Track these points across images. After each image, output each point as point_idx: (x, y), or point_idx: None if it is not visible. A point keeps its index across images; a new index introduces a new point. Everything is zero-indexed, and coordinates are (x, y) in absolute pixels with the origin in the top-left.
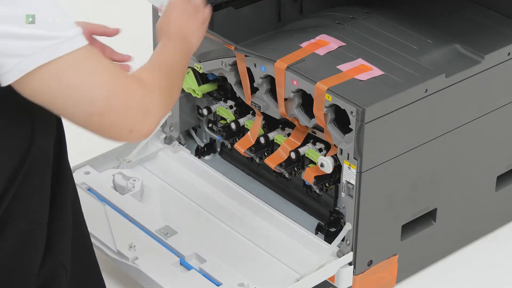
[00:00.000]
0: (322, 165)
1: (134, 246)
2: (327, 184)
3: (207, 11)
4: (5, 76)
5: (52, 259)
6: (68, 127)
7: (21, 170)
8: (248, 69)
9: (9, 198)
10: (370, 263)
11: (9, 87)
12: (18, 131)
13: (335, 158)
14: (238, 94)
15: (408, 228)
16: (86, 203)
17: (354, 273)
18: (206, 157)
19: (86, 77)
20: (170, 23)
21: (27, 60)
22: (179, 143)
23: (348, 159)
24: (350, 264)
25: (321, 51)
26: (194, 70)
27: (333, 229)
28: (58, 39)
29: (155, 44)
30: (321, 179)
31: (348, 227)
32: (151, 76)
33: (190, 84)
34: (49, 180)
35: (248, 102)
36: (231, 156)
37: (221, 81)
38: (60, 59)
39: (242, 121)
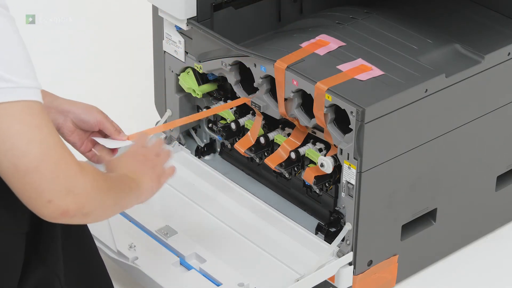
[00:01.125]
0: (322, 165)
1: (134, 246)
2: (327, 184)
3: (169, 171)
4: None
5: (44, 267)
6: None
7: None
8: (248, 69)
9: None
10: (370, 263)
11: None
12: None
13: (335, 158)
14: (238, 94)
15: (408, 228)
16: None
17: (354, 273)
18: (206, 157)
19: (27, 129)
20: (123, 165)
21: None
22: (179, 143)
23: (348, 159)
24: (350, 264)
25: (321, 51)
26: (194, 70)
27: (333, 229)
28: (14, 83)
29: (155, 44)
30: (321, 179)
31: (348, 227)
32: (92, 170)
33: (190, 84)
34: None
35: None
36: (231, 156)
37: (221, 81)
38: (8, 104)
39: (242, 121)
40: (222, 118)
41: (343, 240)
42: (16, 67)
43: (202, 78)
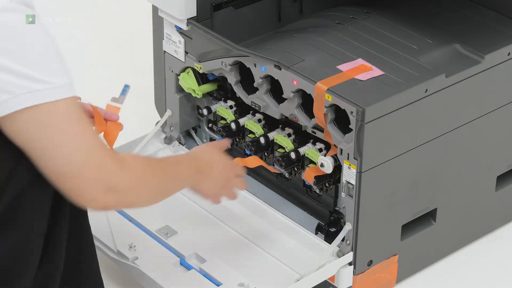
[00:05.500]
0: (322, 165)
1: (134, 246)
2: (327, 184)
3: (230, 194)
4: None
5: (51, 264)
6: None
7: (9, 184)
8: (248, 69)
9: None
10: (370, 263)
11: None
12: (3, 151)
13: (335, 158)
14: (238, 94)
15: (408, 228)
16: None
17: (354, 273)
18: None
19: (67, 138)
20: (205, 157)
21: (16, 99)
22: (179, 143)
23: (348, 159)
24: (350, 264)
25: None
26: (194, 70)
27: (333, 229)
28: (49, 84)
29: (155, 44)
30: (321, 179)
31: (348, 227)
32: (138, 164)
33: (190, 84)
34: (44, 194)
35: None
36: (231, 156)
37: (221, 81)
38: (46, 106)
39: (242, 121)
40: (222, 118)
41: (343, 240)
42: (50, 67)
43: (202, 78)
